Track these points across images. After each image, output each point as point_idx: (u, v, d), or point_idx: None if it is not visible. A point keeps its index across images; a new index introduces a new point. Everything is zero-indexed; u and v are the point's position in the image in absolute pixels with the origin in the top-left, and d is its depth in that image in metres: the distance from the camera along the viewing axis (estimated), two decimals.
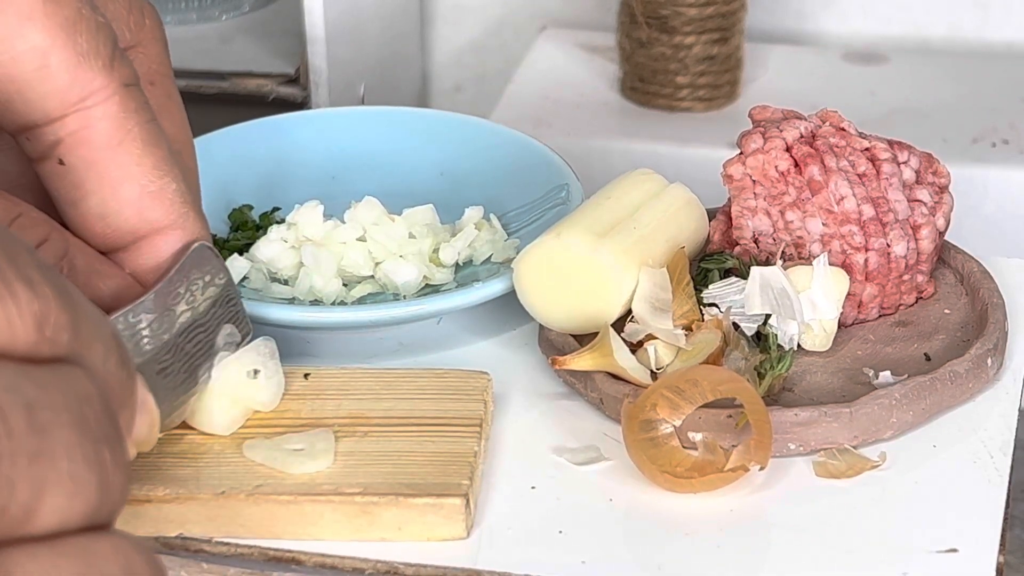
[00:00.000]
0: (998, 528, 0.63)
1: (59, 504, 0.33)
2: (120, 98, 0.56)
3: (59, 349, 0.34)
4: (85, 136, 0.56)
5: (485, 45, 1.56)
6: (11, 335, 0.33)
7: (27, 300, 0.33)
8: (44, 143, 0.57)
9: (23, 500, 0.32)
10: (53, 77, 0.55)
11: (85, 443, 0.33)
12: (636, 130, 1.32)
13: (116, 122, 0.56)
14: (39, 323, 0.33)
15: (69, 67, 0.55)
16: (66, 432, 0.33)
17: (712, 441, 0.65)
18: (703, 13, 1.30)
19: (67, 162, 0.57)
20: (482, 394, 0.66)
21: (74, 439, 0.33)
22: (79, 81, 0.55)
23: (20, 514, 0.32)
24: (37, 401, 0.32)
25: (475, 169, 0.84)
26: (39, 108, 0.56)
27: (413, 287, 0.76)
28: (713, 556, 0.61)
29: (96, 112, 0.56)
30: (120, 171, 0.57)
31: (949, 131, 1.29)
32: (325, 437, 0.63)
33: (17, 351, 0.33)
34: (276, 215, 0.82)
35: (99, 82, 0.56)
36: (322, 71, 1.26)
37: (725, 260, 0.74)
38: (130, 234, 0.59)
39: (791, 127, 0.74)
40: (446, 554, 0.61)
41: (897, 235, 0.73)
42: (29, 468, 0.32)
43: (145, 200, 0.58)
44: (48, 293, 0.34)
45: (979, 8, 1.45)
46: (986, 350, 0.70)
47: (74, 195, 0.58)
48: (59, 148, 0.56)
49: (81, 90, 0.55)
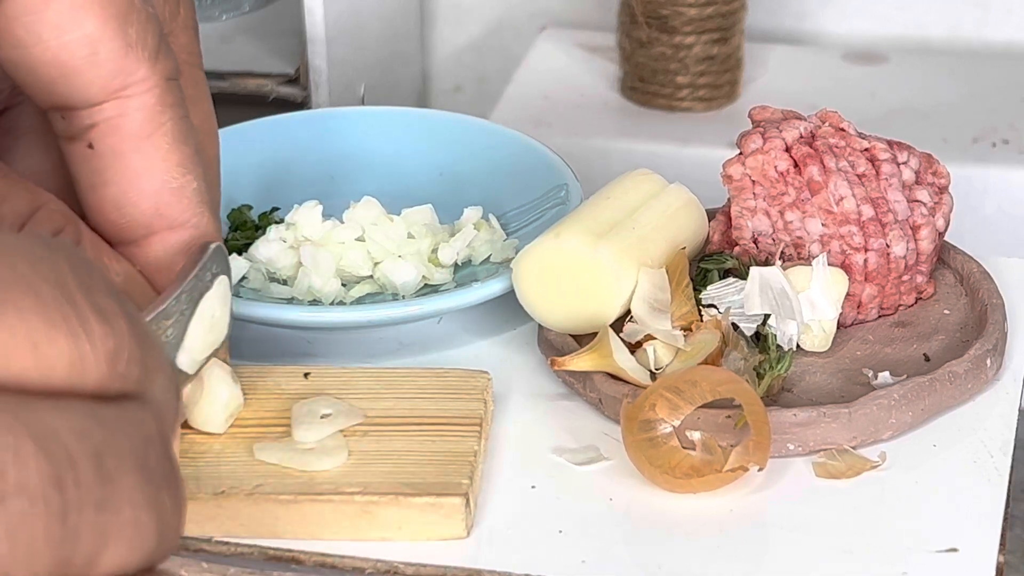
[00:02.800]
0: (998, 528, 0.63)
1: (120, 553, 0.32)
2: (159, 91, 0.56)
3: (128, 385, 0.33)
4: (118, 124, 0.56)
5: (485, 45, 1.56)
6: (82, 371, 0.32)
7: (101, 335, 0.32)
8: (78, 125, 0.57)
9: (87, 551, 0.31)
10: (100, 65, 0.55)
11: (147, 487, 0.32)
12: (636, 130, 1.32)
13: (151, 115, 0.57)
14: (112, 359, 0.32)
15: (117, 57, 0.55)
16: (130, 477, 0.32)
17: (711, 441, 0.65)
18: (703, 13, 1.30)
19: (96, 147, 0.57)
20: (482, 393, 0.66)
21: (137, 484, 0.32)
22: (124, 71, 0.56)
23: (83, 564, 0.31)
24: (105, 447, 0.32)
25: (474, 169, 0.84)
26: (81, 93, 0.56)
27: (412, 287, 0.76)
28: (713, 556, 0.61)
29: (134, 103, 0.56)
30: (145, 164, 0.57)
31: (949, 131, 1.29)
32: (334, 435, 0.64)
33: (87, 388, 0.32)
34: (275, 215, 0.82)
35: (142, 73, 0.56)
36: (322, 71, 1.26)
37: (724, 260, 0.74)
38: (144, 228, 0.59)
39: (791, 127, 0.74)
40: (446, 554, 0.61)
41: (896, 235, 0.73)
42: (95, 518, 0.31)
43: (164, 196, 0.58)
44: (123, 328, 0.32)
45: (979, 8, 1.45)
46: (985, 351, 0.70)
47: (95, 180, 0.58)
48: (91, 132, 0.56)
49: (124, 79, 0.56)
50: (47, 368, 0.31)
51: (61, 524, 0.30)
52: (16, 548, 0.30)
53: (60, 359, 0.31)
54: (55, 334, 0.31)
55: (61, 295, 0.31)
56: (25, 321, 0.31)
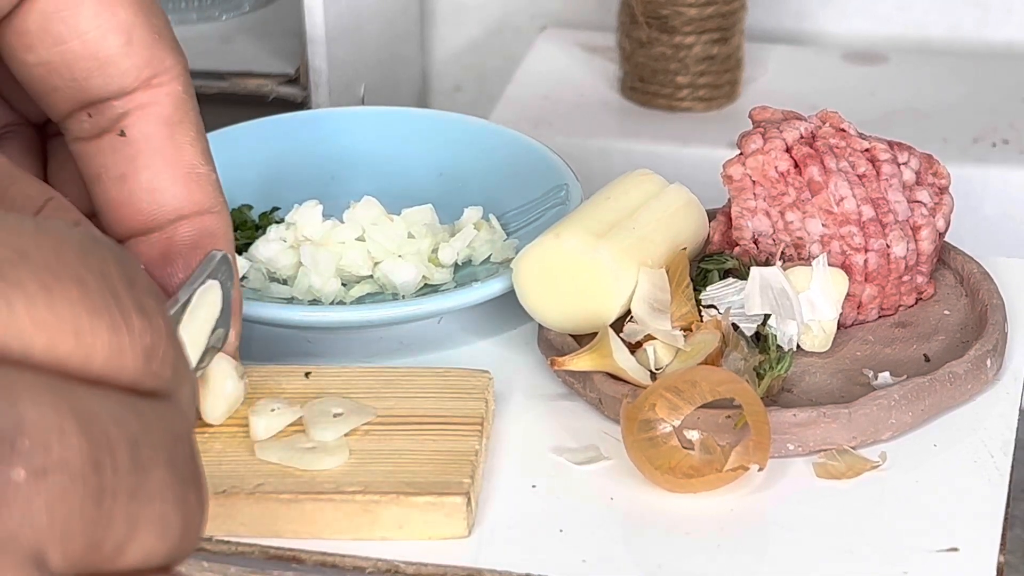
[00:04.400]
0: (999, 528, 0.63)
1: (146, 544, 0.32)
2: (184, 79, 0.59)
3: (160, 384, 0.33)
4: (152, 111, 0.58)
5: (485, 45, 1.56)
6: (120, 363, 0.32)
7: (140, 330, 0.32)
8: (110, 116, 0.58)
9: (117, 537, 0.31)
10: (135, 53, 0.57)
11: (176, 484, 0.33)
12: (636, 130, 1.32)
13: (179, 101, 0.59)
14: (148, 355, 0.32)
15: (149, 44, 0.57)
16: (161, 472, 0.32)
17: (711, 440, 0.65)
18: (703, 13, 1.30)
19: (129, 134, 0.58)
20: (483, 393, 0.66)
21: (166, 479, 0.32)
22: (155, 58, 0.58)
23: (111, 551, 0.31)
24: (140, 438, 0.32)
25: (474, 169, 0.84)
26: (117, 82, 0.58)
27: (412, 287, 0.76)
28: (713, 556, 0.61)
29: (165, 90, 0.58)
30: (175, 149, 0.59)
31: (949, 131, 1.29)
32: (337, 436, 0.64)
33: (122, 381, 0.32)
34: (275, 215, 0.82)
35: (169, 61, 0.58)
36: (322, 71, 1.26)
37: (724, 261, 0.74)
38: (175, 212, 0.60)
39: (791, 128, 0.74)
40: (447, 553, 0.61)
41: (897, 236, 0.73)
42: (127, 506, 0.31)
43: (193, 180, 0.60)
44: (161, 326, 0.33)
45: (979, 8, 1.45)
46: (985, 351, 0.70)
47: (127, 168, 0.59)
48: (124, 120, 0.58)
49: (155, 67, 0.58)
50: (87, 356, 0.32)
51: (97, 506, 0.31)
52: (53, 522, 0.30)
53: (100, 349, 0.32)
54: (98, 323, 0.32)
55: (106, 287, 0.32)
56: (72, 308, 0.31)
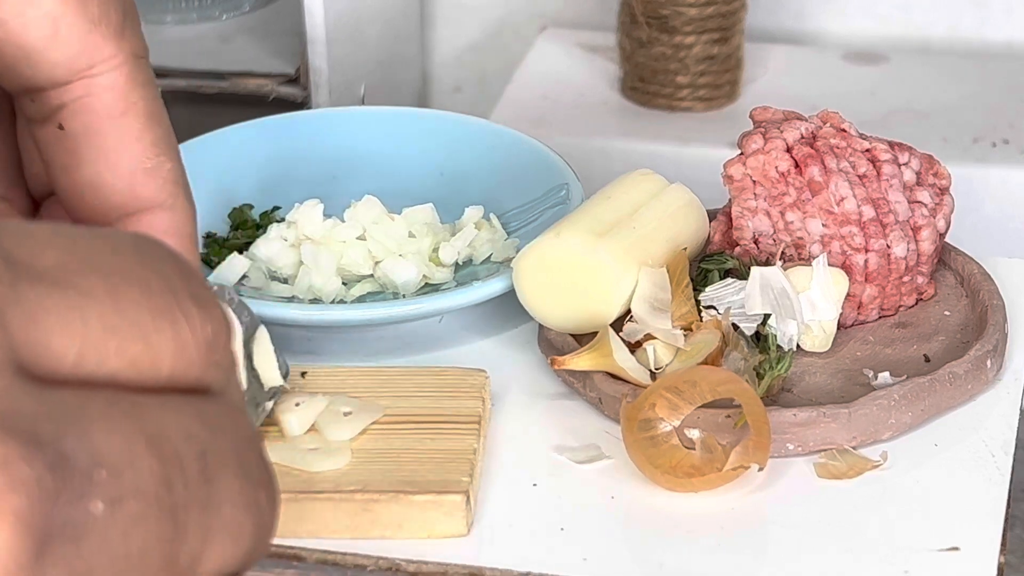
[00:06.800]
0: (999, 527, 0.63)
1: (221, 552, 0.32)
2: (128, 69, 0.56)
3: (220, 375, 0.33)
4: (88, 104, 0.56)
5: (485, 45, 1.56)
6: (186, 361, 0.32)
7: (200, 322, 0.32)
8: (47, 107, 0.57)
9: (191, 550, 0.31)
10: (63, 45, 0.55)
11: (246, 488, 0.32)
12: (636, 130, 1.32)
13: (121, 93, 0.57)
14: (210, 346, 0.32)
15: (80, 34, 0.55)
16: (230, 477, 0.32)
17: (711, 440, 0.65)
18: (703, 13, 1.30)
19: (67, 128, 0.57)
20: (480, 391, 0.66)
21: (237, 485, 0.32)
22: (88, 49, 0.55)
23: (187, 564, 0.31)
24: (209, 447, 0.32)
25: (475, 169, 0.84)
26: (46, 74, 0.56)
27: (412, 286, 0.76)
28: (713, 555, 0.61)
29: (102, 80, 0.56)
30: (118, 143, 0.57)
31: (949, 131, 1.29)
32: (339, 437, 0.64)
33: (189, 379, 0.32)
34: (276, 214, 0.82)
35: (108, 51, 0.56)
36: (322, 71, 1.26)
37: (725, 261, 0.74)
38: (118, 209, 0.58)
39: (792, 128, 0.74)
40: (447, 551, 0.61)
41: (897, 236, 0.73)
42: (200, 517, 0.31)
43: (139, 176, 0.58)
44: (218, 315, 0.32)
45: (979, 8, 1.45)
46: (985, 352, 0.70)
47: (69, 162, 0.58)
48: (61, 113, 0.57)
49: (90, 57, 0.56)
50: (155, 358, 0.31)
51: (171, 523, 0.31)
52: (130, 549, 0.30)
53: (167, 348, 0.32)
54: (162, 323, 0.31)
55: (166, 285, 0.32)
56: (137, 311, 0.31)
